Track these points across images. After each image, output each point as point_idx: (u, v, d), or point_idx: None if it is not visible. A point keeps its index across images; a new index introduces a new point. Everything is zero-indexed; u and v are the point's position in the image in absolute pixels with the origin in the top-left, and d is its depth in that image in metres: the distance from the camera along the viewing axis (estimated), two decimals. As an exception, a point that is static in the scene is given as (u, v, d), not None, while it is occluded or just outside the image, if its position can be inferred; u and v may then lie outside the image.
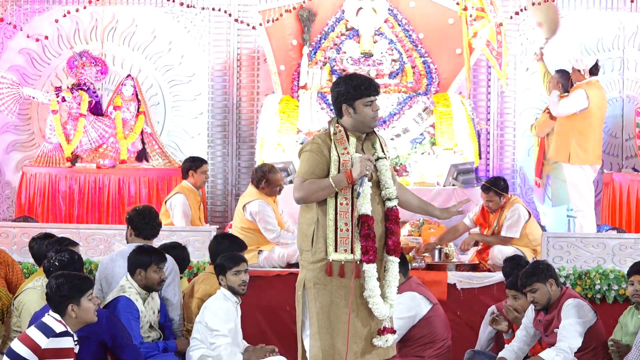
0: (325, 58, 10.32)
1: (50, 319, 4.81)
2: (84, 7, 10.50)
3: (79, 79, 10.32)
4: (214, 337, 5.83)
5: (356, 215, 4.76)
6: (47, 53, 10.80)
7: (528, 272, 6.01)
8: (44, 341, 4.70)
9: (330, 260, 4.76)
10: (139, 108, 10.34)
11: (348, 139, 4.86)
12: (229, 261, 6.00)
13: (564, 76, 9.35)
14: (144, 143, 10.38)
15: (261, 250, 7.75)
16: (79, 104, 10.20)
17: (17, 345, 4.74)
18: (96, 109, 10.39)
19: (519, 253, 7.47)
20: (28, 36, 10.49)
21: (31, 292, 5.71)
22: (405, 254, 7.55)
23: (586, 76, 8.82)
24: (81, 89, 10.26)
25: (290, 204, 8.43)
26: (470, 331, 7.14)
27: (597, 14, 10.68)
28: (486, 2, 9.60)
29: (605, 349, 6.03)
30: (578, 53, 10.39)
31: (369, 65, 10.21)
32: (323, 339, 4.75)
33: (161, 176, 10.12)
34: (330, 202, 4.80)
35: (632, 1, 10.48)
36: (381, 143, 4.99)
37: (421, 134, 9.89)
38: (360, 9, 10.31)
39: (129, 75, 10.47)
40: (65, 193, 10.02)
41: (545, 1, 10.14)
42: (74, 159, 10.18)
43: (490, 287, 7.49)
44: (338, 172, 4.79)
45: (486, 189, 8.02)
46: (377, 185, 4.87)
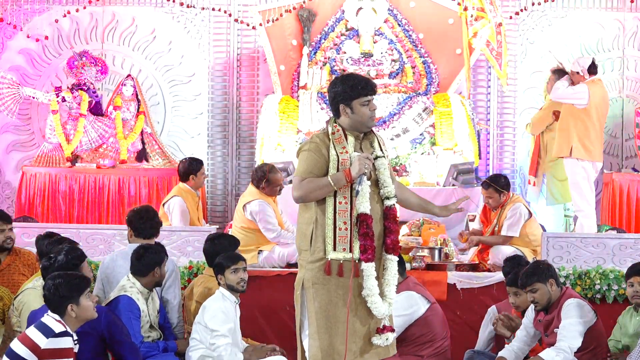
0: (325, 58, 10.32)
1: (50, 319, 4.81)
2: (84, 7, 10.52)
3: (79, 79, 10.32)
4: (214, 338, 5.83)
5: (355, 214, 4.76)
6: (47, 53, 10.80)
7: (528, 272, 6.00)
8: (43, 341, 4.70)
9: (328, 259, 4.76)
10: (139, 108, 10.34)
11: (346, 138, 4.86)
12: (227, 260, 6.02)
13: (561, 76, 9.33)
14: (144, 143, 10.38)
15: (261, 250, 7.75)
16: (79, 104, 10.20)
17: (16, 346, 4.73)
18: (96, 109, 10.39)
19: (518, 253, 7.48)
20: (28, 36, 10.50)
21: (31, 292, 5.71)
22: (405, 254, 7.56)
23: (586, 76, 8.83)
24: (81, 89, 10.26)
25: (289, 204, 8.42)
26: (470, 331, 7.14)
27: (597, 14, 10.68)
28: (486, 2, 9.60)
29: (605, 349, 6.03)
30: (578, 53, 10.39)
31: (369, 65, 10.21)
32: (322, 339, 4.75)
33: (161, 176, 10.12)
34: (329, 202, 4.79)
35: (632, 1, 10.49)
36: (379, 142, 4.99)
37: (421, 134, 9.89)
38: (360, 9, 10.32)
39: (129, 75, 10.47)
40: (65, 193, 10.02)
41: (545, 1, 10.15)
42: (74, 159, 10.18)
43: (490, 287, 7.48)
44: (337, 171, 4.79)
45: (486, 185, 8.03)
46: (375, 184, 4.87)
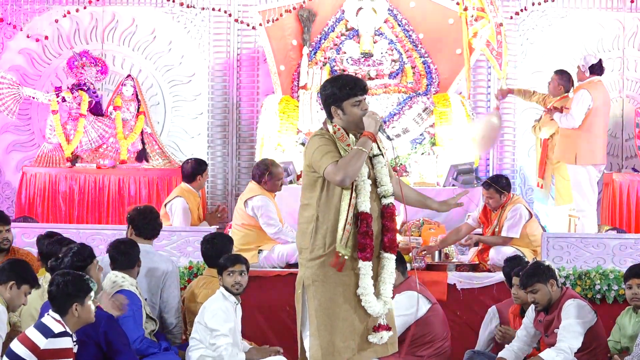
0: (325, 58, 10.32)
1: (50, 319, 4.81)
2: (84, 7, 10.51)
3: (79, 79, 10.31)
4: (215, 338, 5.84)
5: (352, 212, 4.74)
6: (47, 53, 10.80)
7: (529, 272, 6.00)
8: (42, 342, 4.70)
9: (337, 252, 4.72)
10: (139, 108, 10.34)
11: (348, 136, 4.86)
12: (226, 261, 6.08)
13: (564, 77, 9.33)
14: (144, 143, 10.38)
15: (261, 250, 7.75)
16: (79, 104, 10.20)
17: (16, 346, 4.74)
18: (96, 109, 10.38)
19: (518, 253, 7.48)
20: (28, 36, 10.50)
21: (31, 292, 5.70)
22: (405, 254, 7.55)
23: (586, 74, 8.82)
24: (81, 89, 10.26)
25: (288, 204, 8.49)
26: (470, 331, 7.14)
27: (597, 14, 10.68)
28: (486, 2, 9.60)
29: (605, 349, 6.02)
30: (578, 53, 10.39)
31: (368, 65, 10.20)
32: (322, 337, 4.74)
33: (161, 176, 10.12)
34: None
35: (632, 1, 10.49)
36: (377, 141, 4.98)
37: (421, 134, 9.89)
38: (360, 9, 10.30)
39: (129, 76, 10.46)
40: (66, 193, 10.01)
41: (545, 1, 10.15)
42: (74, 159, 10.18)
43: (490, 288, 7.48)
44: None
45: (487, 185, 8.02)
46: (373, 183, 4.87)
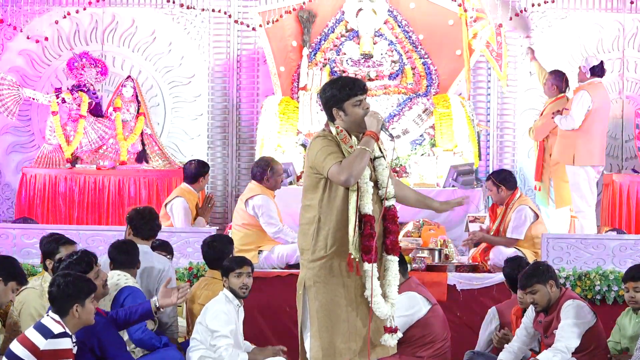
0: (325, 59, 10.32)
1: (49, 319, 4.81)
2: (84, 9, 10.52)
3: (79, 80, 10.31)
4: (215, 339, 5.84)
5: (355, 215, 4.74)
6: (47, 54, 10.80)
7: (528, 273, 6.00)
8: (42, 342, 4.70)
9: (349, 254, 4.70)
10: (138, 109, 10.34)
11: (350, 138, 4.86)
12: (233, 263, 6.09)
13: (558, 77, 9.35)
14: (144, 144, 10.38)
15: (261, 250, 7.75)
16: (79, 105, 10.20)
17: (15, 347, 4.73)
18: (96, 111, 10.38)
19: (519, 254, 7.48)
20: (28, 37, 10.50)
21: (30, 292, 5.71)
22: (405, 255, 7.56)
23: (587, 75, 8.83)
24: (81, 90, 10.26)
25: (288, 205, 8.49)
26: (470, 332, 7.14)
27: (597, 15, 10.68)
28: (486, 4, 9.61)
29: (605, 350, 6.02)
30: (578, 54, 10.40)
31: (368, 66, 10.20)
32: (323, 338, 4.74)
33: (161, 177, 10.12)
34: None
35: (632, 2, 10.49)
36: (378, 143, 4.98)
37: (421, 135, 9.89)
38: (360, 10, 10.30)
39: (129, 77, 10.47)
40: (65, 194, 10.01)
41: (545, 2, 10.15)
42: (74, 160, 10.18)
43: (490, 288, 7.49)
44: None
45: (488, 177, 8.19)
46: (375, 185, 4.87)
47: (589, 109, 8.65)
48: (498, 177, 8.04)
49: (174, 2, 10.51)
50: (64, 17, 10.50)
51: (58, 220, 9.88)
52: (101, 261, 6.02)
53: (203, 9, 10.65)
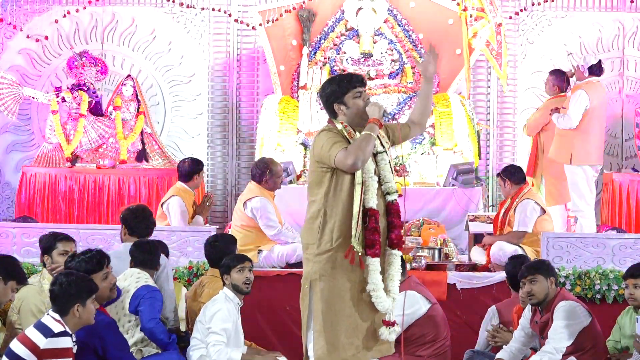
0: (325, 58, 10.32)
1: (49, 319, 4.81)
2: (84, 8, 10.53)
3: (79, 79, 10.32)
4: (207, 336, 5.86)
5: (358, 208, 4.74)
6: (47, 53, 10.80)
7: (533, 263, 6.07)
8: (42, 341, 4.70)
9: (354, 249, 4.72)
10: (138, 108, 10.34)
11: (355, 133, 4.87)
12: (233, 260, 6.09)
13: (558, 77, 9.33)
14: (143, 143, 10.38)
15: (261, 250, 7.75)
16: (79, 104, 10.20)
17: (15, 346, 4.73)
18: (96, 109, 10.39)
19: (520, 251, 7.47)
20: (28, 36, 10.51)
21: (30, 289, 5.70)
22: (405, 254, 7.56)
23: (585, 74, 8.83)
24: (81, 89, 10.26)
25: (288, 204, 8.49)
26: (470, 331, 7.13)
27: (596, 14, 10.68)
28: (486, 2, 9.61)
29: (603, 350, 6.02)
30: (578, 53, 10.39)
31: (368, 65, 10.21)
32: (327, 332, 4.75)
33: (161, 176, 10.12)
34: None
35: (632, 1, 10.50)
36: (379, 137, 4.99)
37: (421, 134, 9.89)
38: (360, 9, 10.30)
39: (128, 76, 10.47)
40: (65, 193, 10.01)
41: (545, 1, 10.15)
42: (74, 159, 10.18)
43: (490, 287, 7.48)
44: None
45: (498, 174, 8.21)
46: (377, 180, 4.88)
47: (587, 109, 8.64)
48: (504, 172, 8.10)
49: (173, 1, 10.51)
50: (64, 16, 10.50)
51: (58, 219, 9.88)
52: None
53: (203, 8, 10.66)
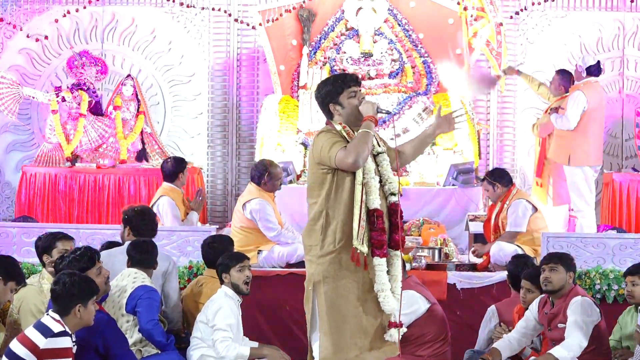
0: (325, 58, 10.32)
1: (49, 319, 4.81)
2: (84, 7, 10.53)
3: (79, 78, 10.32)
4: (213, 333, 5.85)
5: (360, 209, 4.74)
6: (47, 53, 10.80)
7: (557, 253, 6.15)
8: (42, 341, 4.70)
9: (357, 251, 4.72)
10: (138, 108, 10.34)
11: (353, 133, 4.88)
12: (231, 259, 6.08)
13: (565, 77, 9.30)
14: (143, 143, 10.38)
15: (260, 250, 7.74)
16: (78, 104, 10.20)
17: (15, 346, 4.73)
18: (96, 109, 10.39)
19: (519, 251, 7.47)
20: (28, 36, 10.51)
21: (29, 289, 5.71)
22: (405, 254, 7.55)
23: (583, 74, 8.82)
24: (81, 89, 10.26)
25: (288, 204, 8.49)
26: (470, 331, 7.13)
27: (596, 14, 10.68)
28: (486, 2, 9.61)
29: (608, 349, 6.02)
30: (578, 53, 10.40)
31: (368, 65, 10.20)
32: (333, 333, 4.75)
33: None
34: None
35: (632, 1, 10.50)
36: (376, 138, 5.00)
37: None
38: (360, 8, 10.30)
39: (128, 75, 10.47)
40: (65, 193, 10.01)
41: (545, 1, 10.14)
42: (74, 158, 10.18)
43: (490, 287, 7.48)
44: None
45: (483, 178, 8.20)
46: (379, 180, 4.88)
47: (585, 110, 8.63)
48: (492, 176, 8.06)
49: (174, 1, 10.52)
50: (64, 15, 10.51)
51: (58, 218, 9.88)
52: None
53: (203, 8, 10.66)
